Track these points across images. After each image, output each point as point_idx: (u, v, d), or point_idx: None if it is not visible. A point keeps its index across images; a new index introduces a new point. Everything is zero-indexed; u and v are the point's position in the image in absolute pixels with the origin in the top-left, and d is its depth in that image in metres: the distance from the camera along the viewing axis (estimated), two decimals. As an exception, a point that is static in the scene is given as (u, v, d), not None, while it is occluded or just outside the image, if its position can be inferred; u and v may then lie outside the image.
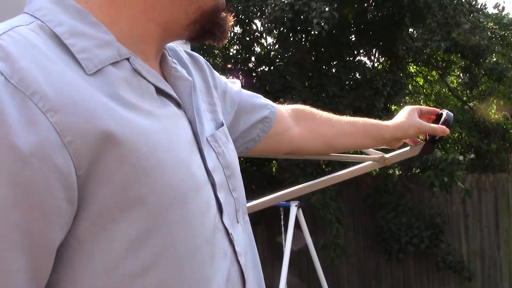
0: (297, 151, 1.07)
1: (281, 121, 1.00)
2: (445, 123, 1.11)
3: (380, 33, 5.52)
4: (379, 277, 5.99)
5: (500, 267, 5.63)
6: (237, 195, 0.75)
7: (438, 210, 5.61)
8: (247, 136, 0.95)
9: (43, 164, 0.49)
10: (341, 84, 5.37)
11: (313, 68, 5.51)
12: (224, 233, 0.68)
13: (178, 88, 0.70)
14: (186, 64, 0.80)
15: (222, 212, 0.69)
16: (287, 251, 3.57)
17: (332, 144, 1.08)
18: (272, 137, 0.98)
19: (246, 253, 0.74)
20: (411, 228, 5.35)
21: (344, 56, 5.59)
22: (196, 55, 0.87)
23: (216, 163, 0.71)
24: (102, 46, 0.59)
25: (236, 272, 0.69)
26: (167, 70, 0.72)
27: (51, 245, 0.52)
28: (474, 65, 6.04)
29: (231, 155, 0.77)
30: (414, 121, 1.09)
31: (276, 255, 5.85)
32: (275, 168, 6.23)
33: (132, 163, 0.55)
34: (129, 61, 0.62)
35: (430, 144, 1.14)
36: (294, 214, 3.69)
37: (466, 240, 5.71)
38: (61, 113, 0.51)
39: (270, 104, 0.99)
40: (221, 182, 0.71)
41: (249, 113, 0.95)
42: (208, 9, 0.68)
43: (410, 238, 5.30)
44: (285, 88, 5.30)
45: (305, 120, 1.06)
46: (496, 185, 5.63)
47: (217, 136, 0.75)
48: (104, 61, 0.58)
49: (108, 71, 0.59)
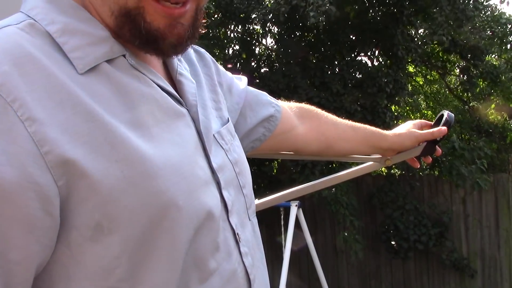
0: (298, 150, 1.07)
1: (286, 120, 0.99)
2: (446, 124, 1.11)
3: (380, 33, 5.52)
4: (379, 277, 5.99)
5: (500, 267, 5.62)
6: (247, 192, 0.74)
7: (443, 208, 5.61)
8: (253, 135, 0.94)
9: (18, 173, 0.47)
10: (344, 82, 5.38)
11: (315, 67, 5.51)
12: (230, 233, 0.67)
13: (183, 88, 0.69)
14: (192, 60, 0.79)
15: (228, 211, 0.67)
16: (287, 251, 3.57)
17: (332, 146, 1.08)
18: (276, 136, 0.97)
19: (255, 253, 0.72)
20: (419, 226, 5.35)
21: (345, 55, 5.59)
22: (202, 51, 0.85)
23: (225, 160, 0.70)
24: (96, 43, 0.58)
25: (242, 273, 0.68)
26: (172, 70, 0.70)
27: (26, 262, 0.49)
28: (471, 66, 6.04)
29: (238, 152, 0.76)
30: (411, 133, 1.12)
31: (276, 255, 5.85)
32: (276, 168, 6.23)
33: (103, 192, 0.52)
34: (125, 57, 0.61)
35: (431, 145, 1.14)
36: (294, 214, 3.68)
37: (466, 240, 5.71)
38: (39, 124, 0.49)
39: (275, 103, 0.98)
40: (230, 179, 0.69)
41: (255, 111, 0.94)
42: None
43: (418, 236, 5.30)
44: (289, 88, 5.30)
45: (310, 120, 1.05)
46: (496, 185, 5.63)
47: (223, 133, 0.73)
48: (98, 59, 0.57)
49: (102, 69, 0.57)
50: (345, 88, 5.31)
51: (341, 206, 4.89)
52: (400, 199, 5.48)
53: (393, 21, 5.39)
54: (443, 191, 5.64)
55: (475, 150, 4.96)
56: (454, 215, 5.66)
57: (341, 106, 5.03)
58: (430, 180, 5.74)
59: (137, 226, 0.54)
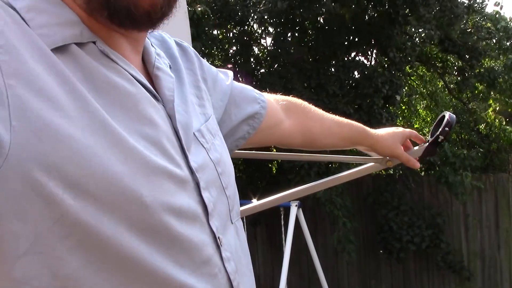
0: (283, 144, 1.06)
1: (272, 115, 0.97)
2: (448, 125, 1.10)
3: (377, 34, 5.52)
4: (379, 277, 5.99)
5: (500, 267, 5.62)
6: (230, 193, 0.70)
7: (438, 210, 5.61)
8: (237, 134, 0.90)
9: None
10: (341, 83, 5.38)
11: (312, 68, 5.51)
12: (209, 237, 0.62)
13: (160, 82, 0.65)
14: (174, 55, 0.75)
15: (208, 214, 0.63)
16: (287, 251, 3.57)
17: (316, 141, 1.07)
18: (262, 130, 0.94)
19: (240, 258, 0.68)
20: (412, 227, 5.35)
21: (341, 56, 5.59)
22: (186, 45, 0.81)
23: (206, 160, 0.66)
24: (64, 24, 0.54)
25: (223, 279, 0.63)
26: (149, 65, 0.66)
27: None
28: (468, 67, 6.04)
29: (220, 151, 0.72)
30: (394, 145, 1.13)
31: (276, 255, 5.85)
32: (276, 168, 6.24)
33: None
34: (96, 44, 0.57)
35: (432, 147, 1.13)
36: (294, 214, 3.68)
37: (466, 240, 5.71)
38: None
39: (261, 99, 0.95)
40: (211, 179, 0.66)
41: (240, 107, 0.90)
42: None
43: (411, 237, 5.30)
44: (285, 90, 5.30)
45: (296, 114, 1.04)
46: (496, 185, 5.63)
47: (203, 131, 0.69)
48: (66, 39, 0.54)
49: (70, 51, 0.54)
50: (341, 89, 5.31)
51: (335, 207, 4.90)
52: (395, 199, 5.48)
53: (389, 21, 5.39)
54: (443, 191, 5.64)
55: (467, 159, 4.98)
56: (453, 215, 5.66)
57: (336, 108, 5.04)
58: (430, 180, 5.74)
59: None
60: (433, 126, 1.17)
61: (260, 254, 6.21)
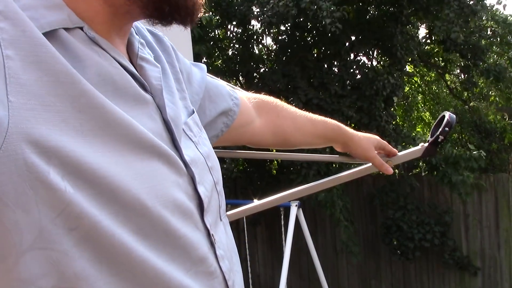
0: (254, 143, 1.03)
1: (245, 113, 0.94)
2: (448, 125, 1.10)
3: (380, 33, 5.52)
4: (379, 277, 5.99)
5: (500, 267, 5.62)
6: (220, 188, 0.68)
7: (445, 208, 5.61)
8: (212, 130, 0.87)
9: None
10: (343, 83, 5.38)
11: (315, 67, 5.51)
12: (203, 235, 0.59)
13: (145, 73, 0.61)
14: (152, 45, 0.71)
15: (203, 209, 0.60)
16: (287, 251, 3.57)
17: (288, 139, 1.05)
18: (234, 129, 0.91)
19: (231, 256, 0.66)
20: (422, 225, 5.35)
21: (344, 55, 5.59)
22: (160, 35, 0.76)
23: (196, 154, 0.63)
24: (51, 7, 0.51)
25: (219, 278, 0.61)
26: (133, 55, 0.63)
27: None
28: (472, 65, 6.03)
29: (208, 145, 0.69)
30: (368, 146, 1.12)
31: (276, 255, 5.85)
32: (275, 168, 6.23)
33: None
34: (83, 30, 0.54)
35: (433, 147, 1.13)
36: (294, 214, 3.68)
37: (466, 240, 5.71)
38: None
39: (234, 96, 0.92)
40: (204, 173, 0.63)
41: (215, 102, 0.86)
42: None
43: (423, 235, 5.29)
44: (288, 88, 5.29)
45: (267, 113, 1.01)
46: (496, 185, 5.63)
47: (190, 124, 0.66)
48: (53, 24, 0.50)
49: (59, 36, 0.51)
50: (343, 90, 5.31)
51: (335, 210, 4.90)
52: (402, 199, 5.47)
53: (393, 21, 5.39)
54: (443, 191, 5.64)
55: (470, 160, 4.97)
56: (454, 215, 5.67)
57: (339, 109, 5.04)
58: (430, 180, 5.74)
59: None
60: (433, 126, 1.17)
61: (260, 254, 6.21)
